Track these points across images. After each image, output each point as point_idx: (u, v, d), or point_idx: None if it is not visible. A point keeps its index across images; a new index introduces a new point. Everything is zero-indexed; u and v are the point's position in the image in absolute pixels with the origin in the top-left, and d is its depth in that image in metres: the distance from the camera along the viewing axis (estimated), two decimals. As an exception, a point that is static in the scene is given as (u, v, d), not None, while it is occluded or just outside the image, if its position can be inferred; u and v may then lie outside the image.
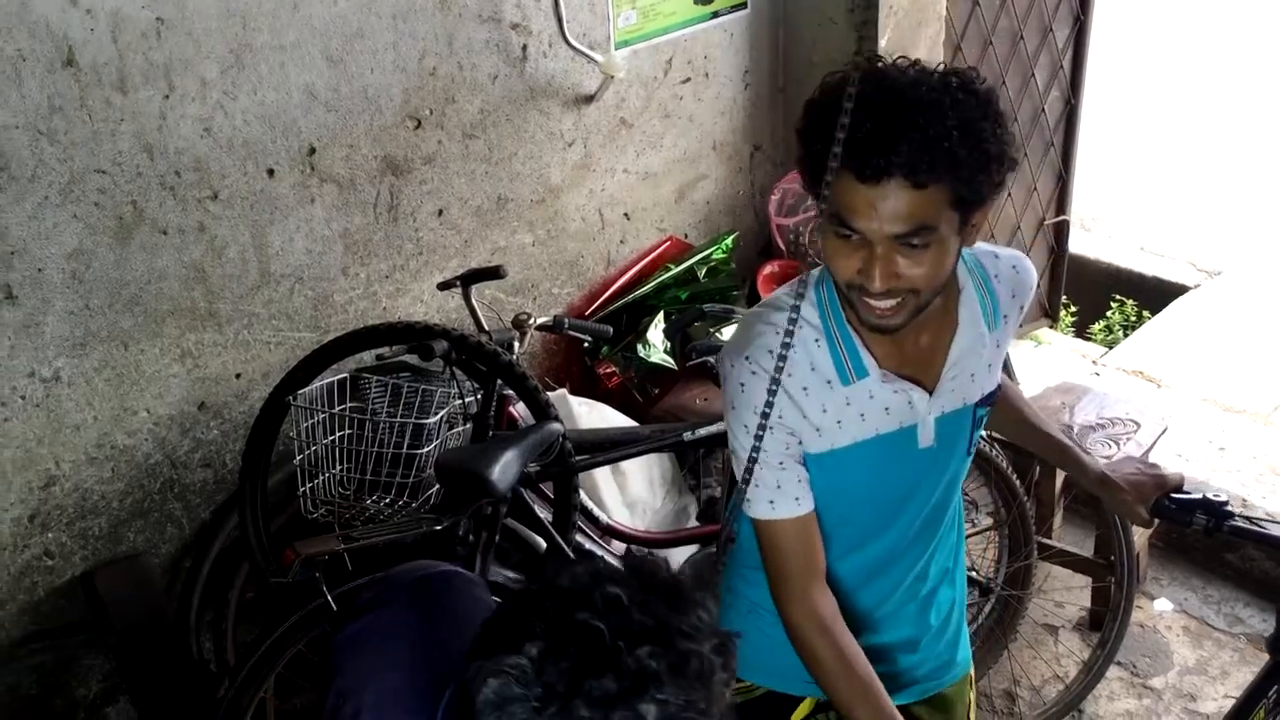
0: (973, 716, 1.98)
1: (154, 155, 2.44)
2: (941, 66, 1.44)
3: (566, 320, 2.94)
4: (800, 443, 1.60)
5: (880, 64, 1.43)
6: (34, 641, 2.58)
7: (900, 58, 1.45)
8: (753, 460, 1.58)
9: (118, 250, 2.45)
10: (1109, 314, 5.07)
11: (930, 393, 1.61)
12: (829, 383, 1.57)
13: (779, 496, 1.60)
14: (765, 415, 1.56)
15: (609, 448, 2.69)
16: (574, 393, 3.12)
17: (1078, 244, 4.87)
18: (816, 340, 1.57)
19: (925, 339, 1.60)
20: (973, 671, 1.97)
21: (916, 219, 1.40)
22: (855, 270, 1.46)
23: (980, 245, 1.66)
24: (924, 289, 1.46)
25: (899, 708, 1.67)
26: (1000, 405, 1.82)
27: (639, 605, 1.06)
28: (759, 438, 1.57)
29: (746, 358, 1.56)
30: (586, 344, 3.33)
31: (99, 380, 2.51)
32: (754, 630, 1.79)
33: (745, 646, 1.85)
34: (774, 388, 1.54)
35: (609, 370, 3.28)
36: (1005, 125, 1.43)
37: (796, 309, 1.55)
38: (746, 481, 1.60)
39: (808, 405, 1.57)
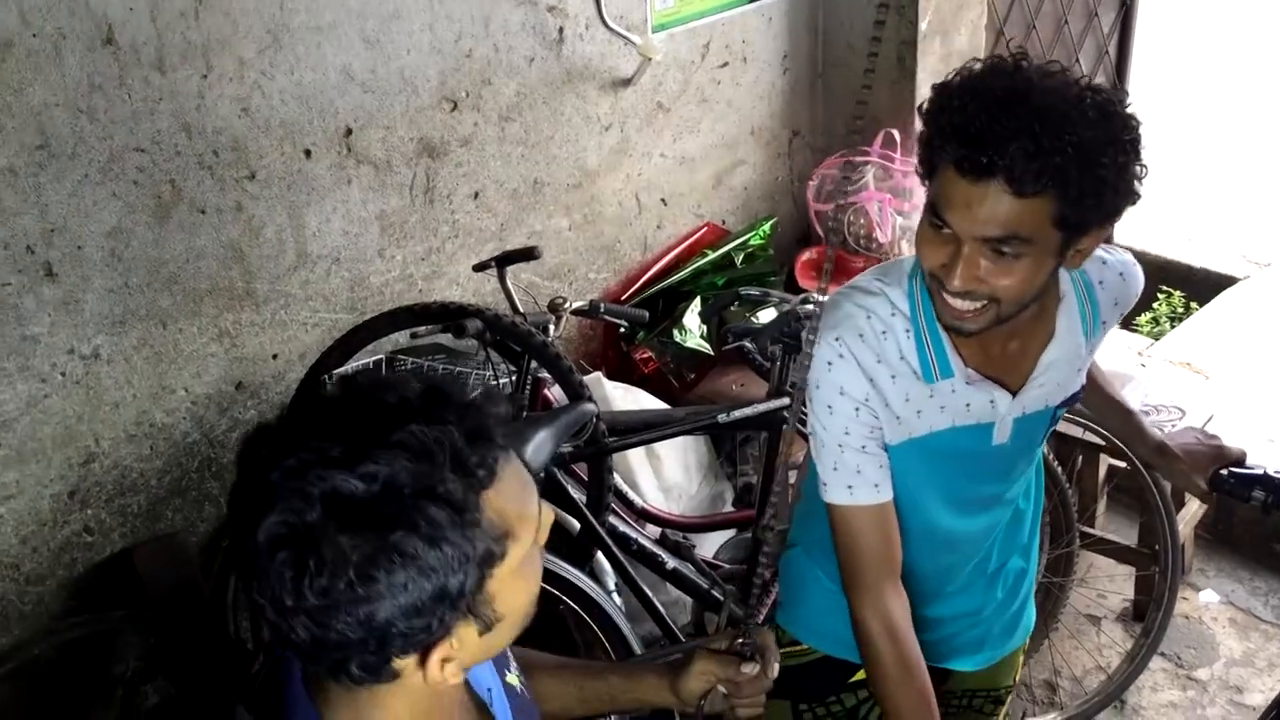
0: (1018, 679, 1.96)
1: (192, 134, 2.46)
2: (1085, 80, 1.38)
3: (602, 305, 2.92)
4: (881, 429, 1.57)
5: (1023, 62, 1.38)
6: (73, 617, 2.61)
7: (1052, 62, 1.40)
8: (822, 434, 1.55)
9: (156, 229, 2.47)
10: (1155, 305, 4.98)
11: (1014, 394, 1.57)
12: (915, 373, 1.54)
13: (858, 482, 1.56)
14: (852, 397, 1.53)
15: (643, 429, 2.67)
16: (609, 378, 3.11)
17: (1122, 235, 4.80)
18: (907, 331, 1.54)
19: (1016, 344, 1.56)
20: (1028, 640, 1.95)
21: (1011, 227, 1.35)
22: (940, 263, 1.42)
23: None
24: (1005, 300, 1.42)
25: (954, 673, 1.66)
26: None
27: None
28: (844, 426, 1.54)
29: (837, 338, 1.53)
30: (622, 329, 3.32)
31: (138, 358, 2.53)
32: (814, 595, 1.78)
33: (805, 610, 1.84)
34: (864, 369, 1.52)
35: (645, 355, 3.26)
36: (1134, 156, 1.37)
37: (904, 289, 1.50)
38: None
39: (892, 393, 1.54)
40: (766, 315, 3.09)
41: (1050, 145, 1.29)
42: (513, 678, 1.29)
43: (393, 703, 1.07)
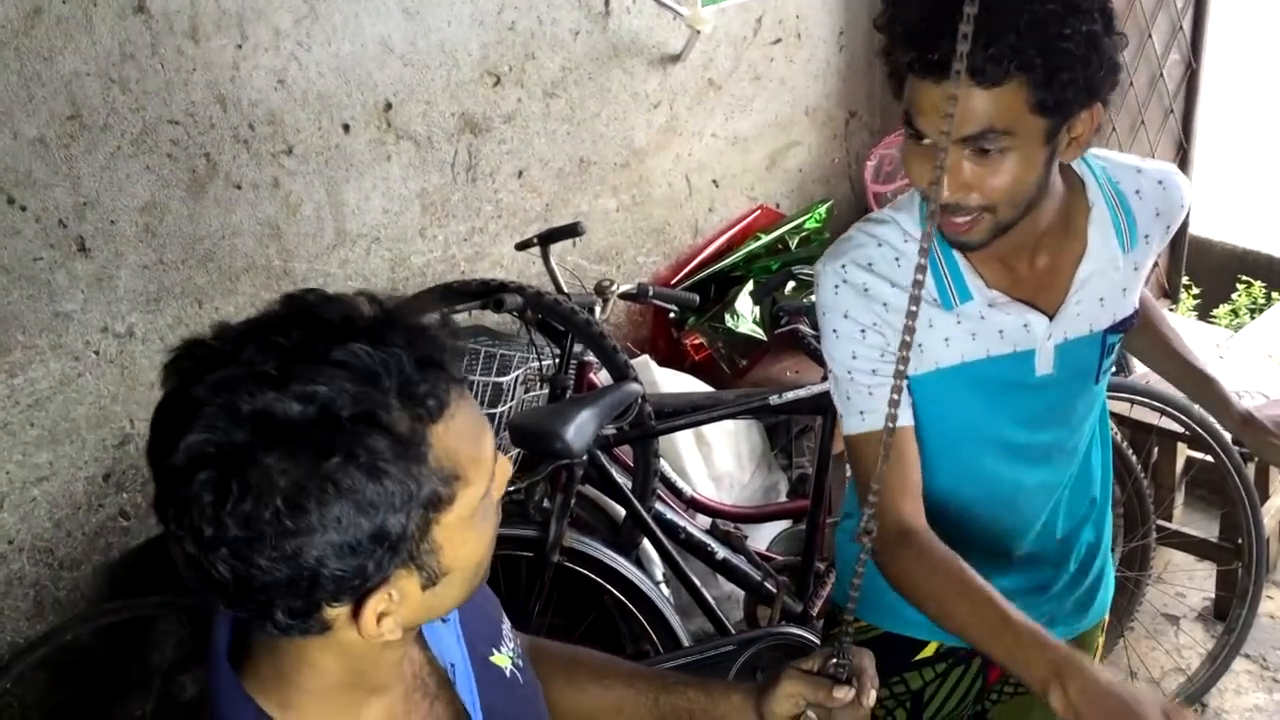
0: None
1: (227, 107, 2.40)
2: None
3: (651, 288, 2.82)
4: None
5: None
6: (108, 603, 2.56)
7: None
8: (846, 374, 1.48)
9: (191, 204, 2.41)
10: (1234, 297, 4.77)
11: (1051, 317, 1.47)
12: (935, 300, 1.46)
13: (869, 406, 1.48)
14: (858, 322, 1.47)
15: (690, 412, 2.56)
16: (659, 366, 3.00)
17: (1198, 225, 4.60)
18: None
19: (1044, 260, 1.47)
20: (1108, 617, 1.82)
21: (985, 121, 1.27)
22: (927, 180, 1.34)
23: (1119, 156, 1.52)
24: (1000, 203, 1.34)
25: None
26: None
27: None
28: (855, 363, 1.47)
29: (843, 265, 1.48)
30: (672, 314, 3.21)
31: (173, 337, 2.47)
32: (873, 567, 1.66)
33: (865, 587, 1.72)
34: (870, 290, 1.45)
35: (695, 341, 3.15)
36: (1104, 23, 1.28)
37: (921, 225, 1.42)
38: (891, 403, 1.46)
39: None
40: (822, 297, 2.97)
41: (999, 26, 1.22)
42: (501, 658, 1.17)
43: (323, 660, 0.96)
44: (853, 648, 1.22)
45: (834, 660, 1.22)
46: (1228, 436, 2.76)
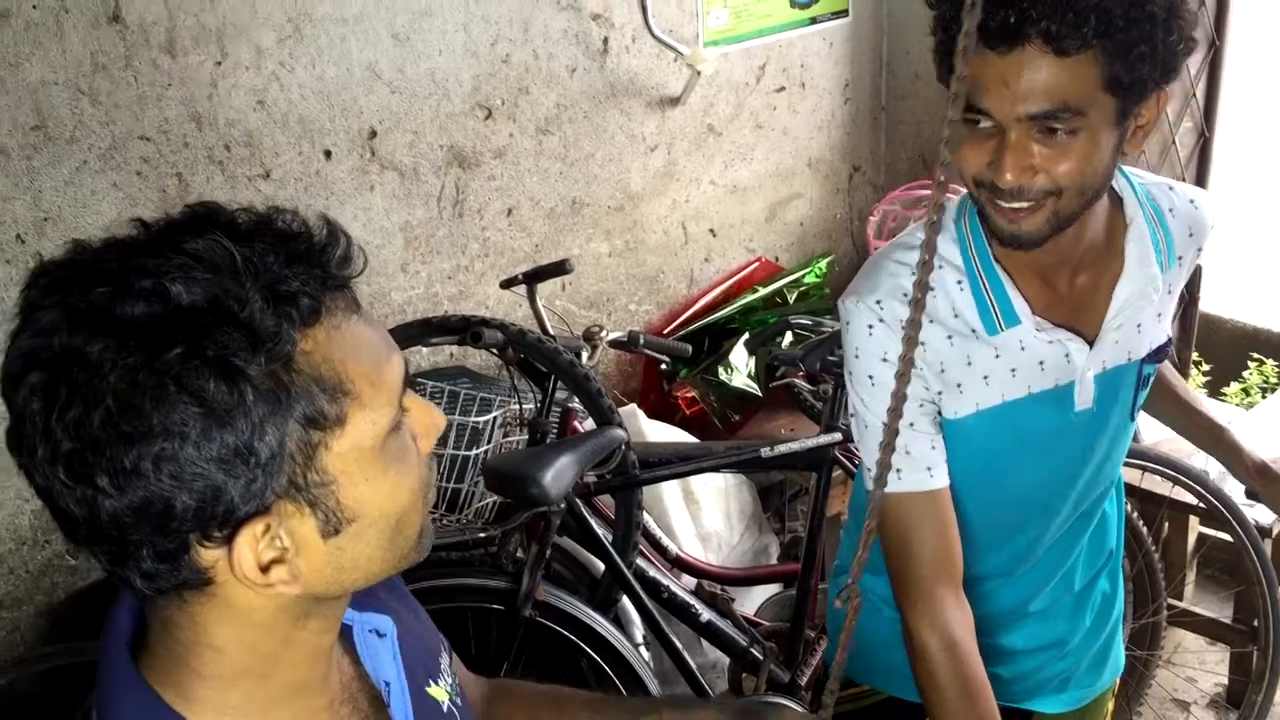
0: None
1: (203, 125, 2.30)
2: None
3: (642, 337, 2.69)
4: (936, 402, 1.34)
5: None
6: (48, 647, 2.40)
7: None
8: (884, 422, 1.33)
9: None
10: (1246, 375, 4.65)
11: (1090, 345, 1.34)
12: (974, 332, 1.31)
13: (907, 465, 1.33)
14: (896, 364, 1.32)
15: (678, 462, 2.42)
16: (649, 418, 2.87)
17: (1209, 302, 4.50)
18: (959, 282, 1.32)
19: (1084, 278, 1.33)
20: (1118, 681, 1.68)
21: (1058, 96, 1.14)
22: (985, 164, 1.20)
23: (1150, 176, 1.40)
24: (1068, 188, 1.20)
25: (1034, 715, 1.39)
26: None
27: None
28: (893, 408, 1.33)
29: (878, 301, 1.31)
30: (664, 366, 3.09)
31: (133, 365, 2.34)
32: (873, 625, 1.50)
33: (863, 645, 1.56)
34: (910, 333, 1.30)
35: (687, 394, 3.02)
36: None
37: (933, 232, 1.30)
38: (884, 449, 1.34)
39: (951, 356, 1.32)
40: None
41: None
42: (439, 690, 1.03)
43: (221, 635, 0.82)
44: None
45: None
46: (1245, 511, 2.62)
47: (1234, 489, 2.77)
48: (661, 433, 2.80)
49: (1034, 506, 1.42)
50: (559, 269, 2.52)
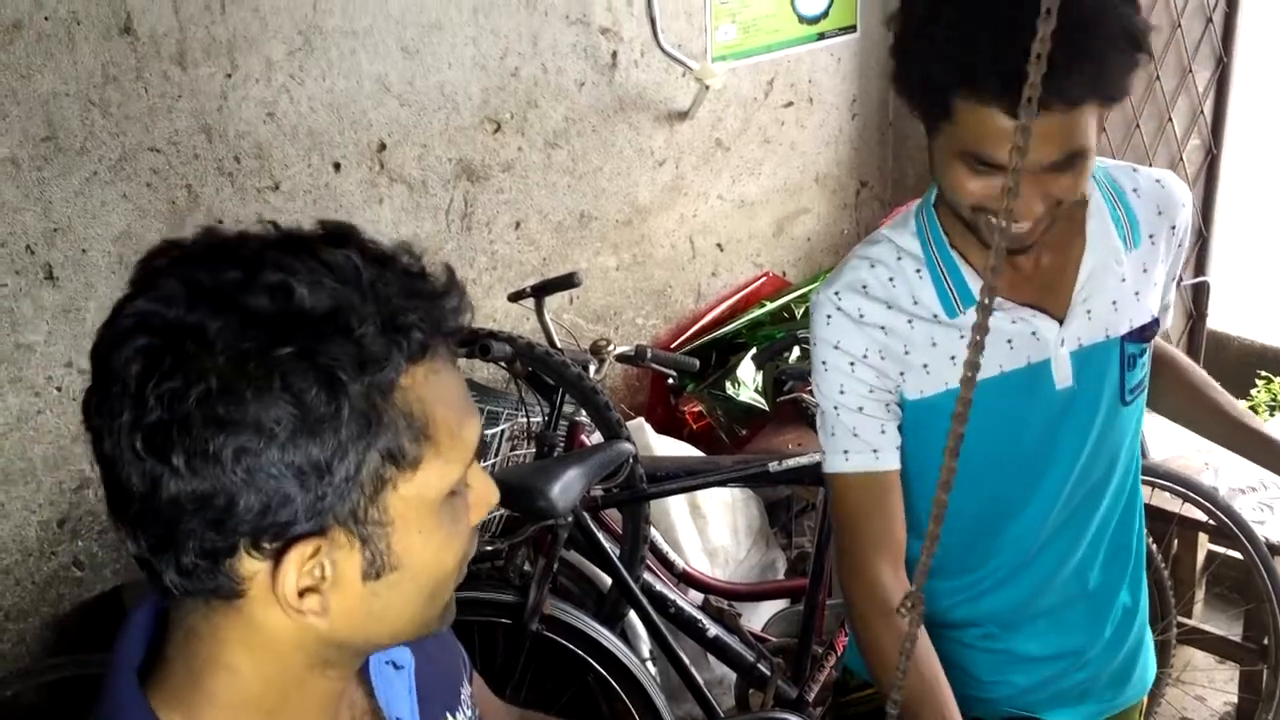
0: None
1: (212, 137, 2.30)
2: None
3: (650, 351, 2.69)
4: (897, 389, 1.39)
5: None
6: (54, 658, 2.39)
7: None
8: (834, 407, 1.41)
9: (169, 236, 2.30)
10: (1254, 393, 4.64)
11: (1060, 322, 1.37)
12: (935, 316, 1.37)
13: (854, 446, 1.40)
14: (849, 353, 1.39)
15: (685, 476, 2.42)
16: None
17: (1216, 320, 4.49)
18: (918, 271, 1.38)
19: (1046, 258, 1.38)
20: (1146, 699, 1.68)
21: (1074, 143, 1.20)
22: (988, 196, 1.24)
23: (1113, 161, 1.46)
24: (1069, 200, 1.27)
25: None
26: (1158, 372, 1.54)
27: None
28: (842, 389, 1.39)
29: (836, 292, 1.39)
30: (671, 380, 3.08)
31: (141, 376, 2.34)
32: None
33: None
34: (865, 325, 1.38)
35: (694, 409, 3.02)
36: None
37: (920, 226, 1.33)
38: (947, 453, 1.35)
39: (913, 338, 1.37)
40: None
41: (1080, 38, 1.12)
42: None
43: (239, 660, 0.81)
44: None
45: None
46: (1256, 528, 2.60)
47: (1244, 506, 2.77)
48: (668, 447, 2.80)
49: (1021, 487, 1.44)
50: (567, 282, 2.53)
